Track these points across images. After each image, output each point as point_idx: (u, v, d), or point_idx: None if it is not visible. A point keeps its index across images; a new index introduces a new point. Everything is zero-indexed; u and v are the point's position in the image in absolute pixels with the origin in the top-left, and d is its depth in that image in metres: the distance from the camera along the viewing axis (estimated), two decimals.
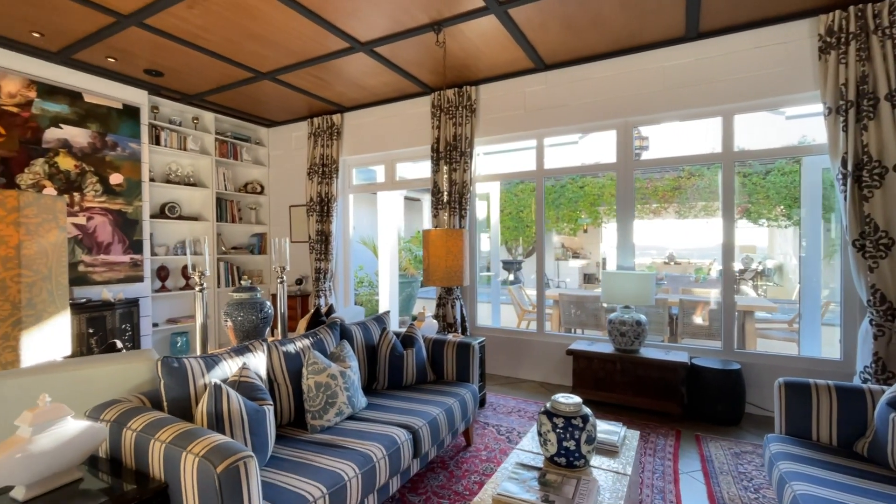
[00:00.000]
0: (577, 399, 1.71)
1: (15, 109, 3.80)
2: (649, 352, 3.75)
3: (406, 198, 11.66)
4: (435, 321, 3.67)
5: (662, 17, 3.37)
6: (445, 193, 4.71)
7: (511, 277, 12.21)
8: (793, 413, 2.11)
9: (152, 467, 1.48)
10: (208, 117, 5.58)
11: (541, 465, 1.69)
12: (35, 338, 1.20)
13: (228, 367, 1.93)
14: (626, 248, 4.18)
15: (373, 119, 5.41)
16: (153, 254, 5.01)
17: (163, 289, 5.13)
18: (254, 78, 4.47)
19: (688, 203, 10.66)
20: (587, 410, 1.69)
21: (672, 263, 11.85)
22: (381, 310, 6.44)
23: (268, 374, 2.15)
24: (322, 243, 5.61)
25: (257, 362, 2.08)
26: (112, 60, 4.03)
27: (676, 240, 12.50)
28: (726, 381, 3.36)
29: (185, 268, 5.46)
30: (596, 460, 1.74)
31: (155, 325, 5.00)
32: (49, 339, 1.24)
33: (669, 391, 3.49)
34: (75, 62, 4.06)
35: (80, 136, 4.19)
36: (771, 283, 10.93)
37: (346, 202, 5.87)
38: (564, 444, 1.63)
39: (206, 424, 1.62)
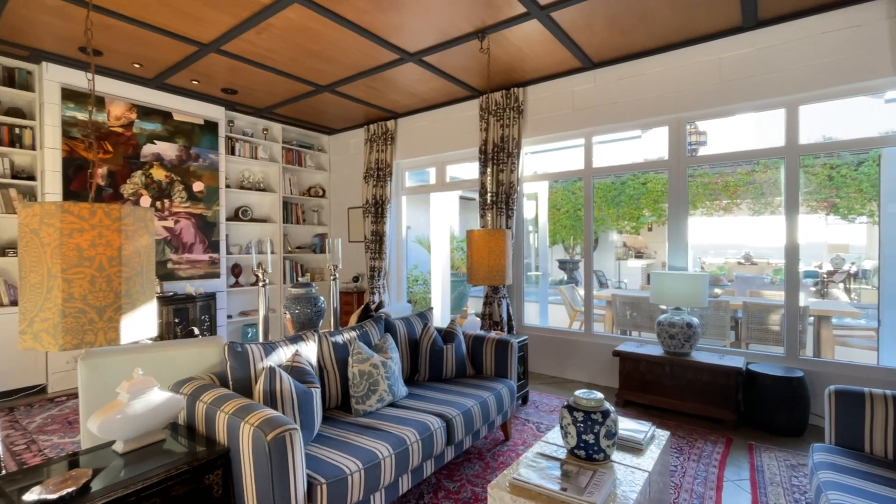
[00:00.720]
0: (598, 395, 1.76)
1: (120, 129, 4.43)
2: (702, 355, 3.62)
3: (461, 197, 11.84)
4: (477, 318, 3.79)
5: (715, 9, 3.25)
6: (492, 194, 4.81)
7: (565, 277, 12.00)
8: (843, 423, 2.01)
9: (218, 434, 1.75)
10: (276, 128, 6.10)
11: (562, 456, 1.76)
12: (130, 321, 1.48)
13: (283, 354, 2.19)
14: (678, 248, 4.05)
15: (424, 123, 5.63)
16: (228, 252, 5.58)
17: (236, 284, 5.69)
18: (314, 91, 4.85)
19: (763, 199, 9.90)
20: (608, 407, 1.74)
21: (748, 263, 11.06)
22: (436, 309, 6.66)
23: (318, 361, 2.40)
24: (376, 243, 5.91)
25: (309, 350, 2.33)
26: (195, 83, 4.57)
27: (753, 238, 11.64)
28: (786, 390, 3.18)
29: (259, 267, 6.01)
30: (618, 456, 1.79)
31: (229, 316, 5.56)
32: (140, 323, 1.52)
33: (722, 397, 3.36)
34: (166, 86, 4.64)
35: (169, 150, 4.79)
36: (868, 285, 9.87)
37: (399, 204, 6.14)
38: (584, 437, 1.69)
39: (262, 401, 1.87)
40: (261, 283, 2.72)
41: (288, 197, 6.28)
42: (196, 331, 2.44)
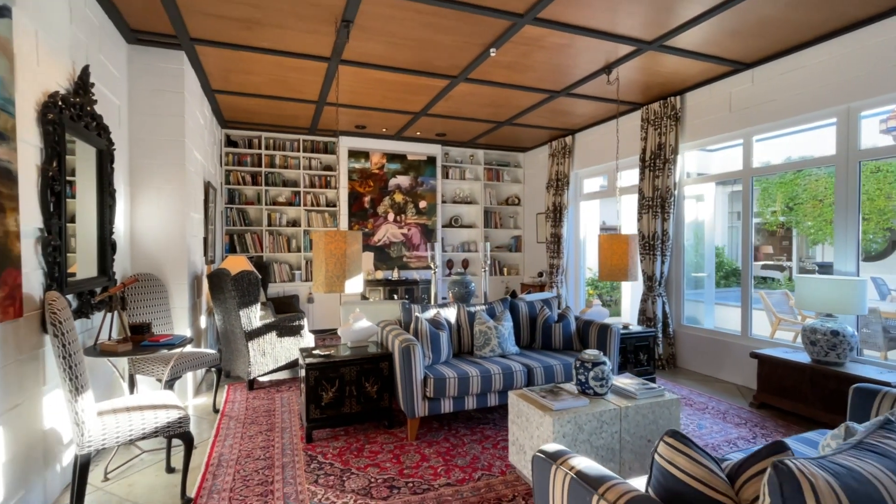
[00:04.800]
0: (596, 352, 2.52)
1: (377, 171, 6.87)
2: (856, 367, 3.34)
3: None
4: (604, 309, 4.40)
5: None
6: (648, 198, 5.19)
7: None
8: None
9: (385, 345, 3.31)
10: (480, 153, 7.80)
11: (573, 390, 2.60)
12: (348, 283, 3.16)
13: (431, 313, 3.64)
14: (846, 252, 3.69)
15: (595, 136, 6.31)
16: (443, 251, 7.57)
17: (449, 274, 7.63)
18: (496, 126, 6.26)
19: None
20: (602, 361, 2.48)
21: None
22: (623, 305, 7.15)
23: (456, 320, 3.76)
24: (555, 244, 6.90)
25: (448, 313, 3.71)
26: (419, 133, 6.62)
27: None
28: None
29: (463, 261, 7.85)
30: (612, 398, 2.49)
31: (443, 298, 7.54)
32: (352, 285, 3.19)
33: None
34: (402, 138, 6.87)
35: (405, 181, 7.03)
36: None
37: (577, 209, 6.94)
38: (579, 377, 2.49)
39: (412, 333, 3.35)
40: (431, 272, 4.26)
41: (488, 207, 7.90)
42: (396, 297, 4.16)
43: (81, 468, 2.06)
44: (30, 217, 2.13)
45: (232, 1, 3.06)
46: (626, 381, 2.66)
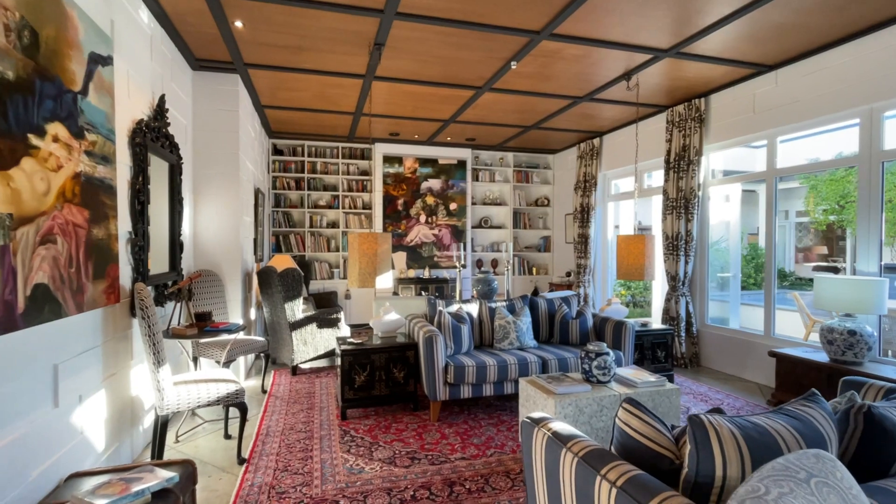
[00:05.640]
0: (602, 345, 2.75)
1: (410, 175, 7.27)
2: (877, 367, 3.38)
3: (744, 190, 11.22)
4: (623, 307, 4.56)
5: None
6: (672, 199, 5.29)
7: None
8: None
9: (412, 336, 3.66)
10: (509, 156, 8.04)
11: (577, 377, 2.84)
12: (378, 279, 3.53)
13: (455, 307, 3.95)
14: (869, 253, 3.71)
15: (622, 139, 6.43)
16: (473, 251, 7.87)
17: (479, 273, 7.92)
18: (523, 131, 6.50)
19: None
20: (605, 351, 2.71)
21: None
22: (654, 305, 7.20)
23: (478, 315, 4.06)
24: (582, 244, 7.05)
25: (471, 308, 4.02)
26: (449, 138, 6.96)
27: None
28: None
29: (492, 261, 8.12)
30: (614, 386, 2.71)
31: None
32: (382, 280, 3.56)
33: None
34: (434, 143, 7.23)
35: (436, 184, 7.38)
36: None
37: (604, 209, 7.06)
38: (584, 365, 2.74)
39: (436, 326, 3.68)
40: (457, 270, 4.58)
41: (517, 208, 8.13)
42: (424, 295, 4.51)
43: (161, 426, 2.53)
44: (123, 223, 2.62)
45: (281, 32, 3.51)
46: (629, 372, 2.89)
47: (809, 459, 0.91)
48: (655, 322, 5.35)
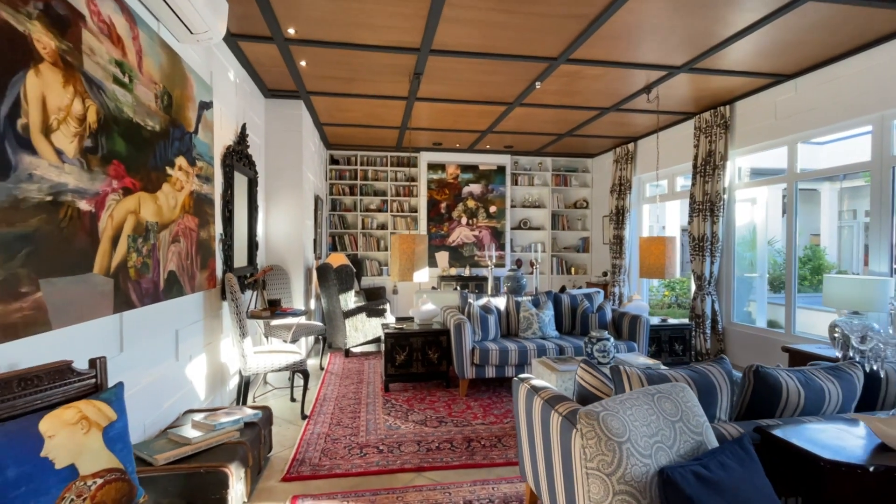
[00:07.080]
0: (604, 332, 3.18)
1: (452, 181, 7.86)
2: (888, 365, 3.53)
3: (801, 189, 10.93)
4: (644, 303, 4.87)
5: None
6: (698, 203, 5.50)
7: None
8: None
9: (446, 324, 4.23)
10: (548, 161, 8.42)
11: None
12: (416, 274, 4.13)
13: (484, 300, 4.48)
14: (880, 254, 3.83)
15: (653, 144, 6.65)
16: (511, 251, 8.32)
17: None
18: (559, 137, 6.90)
19: None
20: (605, 337, 3.14)
21: None
22: None
23: (505, 308, 4.56)
24: (617, 245, 7.31)
25: (498, 302, 4.53)
26: (488, 146, 7.48)
27: None
28: None
29: (530, 261, 8.53)
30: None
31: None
32: (419, 275, 4.16)
33: None
34: (474, 150, 7.78)
35: (476, 189, 7.92)
36: None
37: (639, 212, 7.28)
38: (587, 349, 3.17)
39: (466, 316, 4.23)
40: (489, 268, 5.10)
41: (556, 210, 8.49)
42: (465, 292, 5.07)
43: (245, 385, 3.27)
44: (217, 226, 3.40)
45: (336, 67, 4.21)
46: (629, 357, 3.29)
47: (669, 388, 1.38)
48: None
